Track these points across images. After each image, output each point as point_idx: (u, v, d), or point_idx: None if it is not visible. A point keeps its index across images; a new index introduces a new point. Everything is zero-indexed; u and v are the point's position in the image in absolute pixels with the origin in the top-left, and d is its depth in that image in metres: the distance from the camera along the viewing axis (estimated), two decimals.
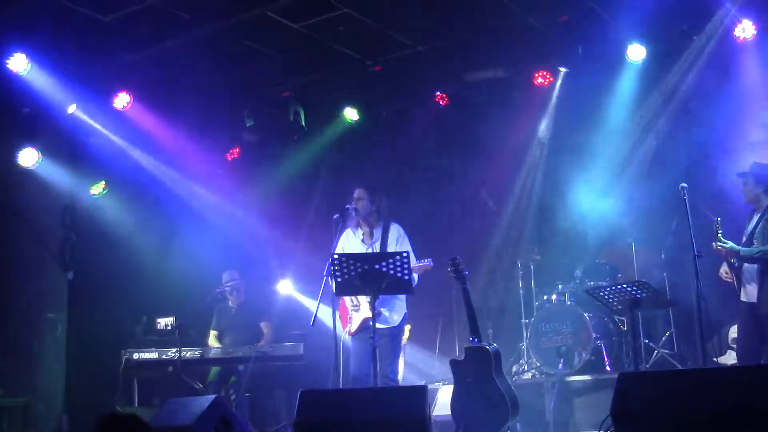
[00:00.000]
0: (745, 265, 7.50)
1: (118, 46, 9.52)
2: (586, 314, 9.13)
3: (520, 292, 10.03)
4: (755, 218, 7.60)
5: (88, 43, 9.29)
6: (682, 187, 7.35)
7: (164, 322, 10.48)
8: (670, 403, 4.95)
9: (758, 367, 6.65)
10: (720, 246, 7.41)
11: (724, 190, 8.65)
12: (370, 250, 7.74)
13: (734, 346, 8.33)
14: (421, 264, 7.42)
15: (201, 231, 11.21)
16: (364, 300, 7.54)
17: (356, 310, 7.69)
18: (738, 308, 7.66)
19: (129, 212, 10.97)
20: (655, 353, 9.09)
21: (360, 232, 7.91)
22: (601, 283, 9.27)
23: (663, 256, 9.49)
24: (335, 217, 7.66)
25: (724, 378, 5.11)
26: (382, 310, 7.50)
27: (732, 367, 7.51)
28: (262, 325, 10.04)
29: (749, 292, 7.44)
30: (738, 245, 7.50)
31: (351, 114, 11.17)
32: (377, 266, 6.82)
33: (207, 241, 11.08)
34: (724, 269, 7.71)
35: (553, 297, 9.68)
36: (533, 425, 8.27)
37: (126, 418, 4.32)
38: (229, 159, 11.73)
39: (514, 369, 9.63)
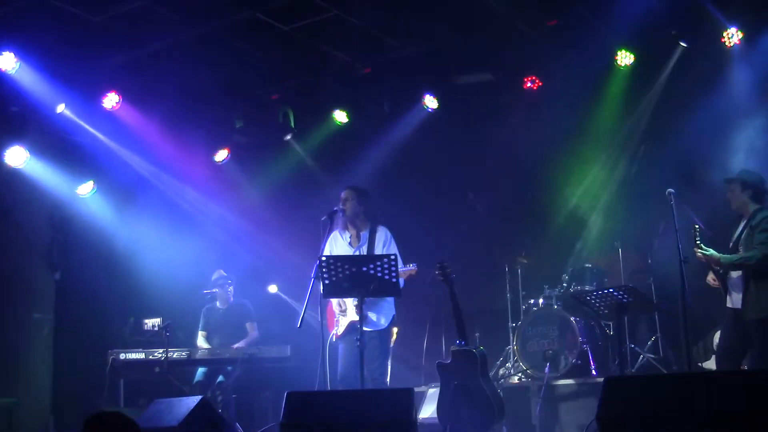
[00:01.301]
0: (731, 272, 7.52)
1: (108, 47, 9.48)
2: (572, 318, 9.15)
3: (508, 295, 10.03)
4: (741, 225, 7.61)
5: (78, 43, 9.26)
6: (669, 192, 7.36)
7: (151, 322, 10.45)
8: (656, 408, 4.96)
9: (742, 372, 6.69)
10: (701, 254, 7.41)
11: (711, 196, 8.69)
12: (357, 253, 7.73)
13: None
14: (405, 269, 7.42)
15: (189, 232, 11.19)
16: (350, 303, 7.54)
17: (343, 315, 7.69)
18: (725, 314, 7.68)
19: (117, 213, 10.94)
20: (640, 358, 9.12)
21: (347, 234, 7.91)
22: (587, 288, 9.31)
23: (650, 260, 9.51)
24: (323, 219, 7.66)
25: (708, 383, 5.12)
26: (369, 313, 7.50)
27: (717, 372, 7.53)
28: (248, 325, 10.04)
29: (735, 299, 7.45)
30: (724, 252, 7.51)
31: (340, 116, 11.17)
32: (365, 269, 6.82)
33: (195, 241, 11.06)
34: (711, 276, 7.72)
35: (540, 301, 9.69)
36: (519, 429, 8.29)
37: (114, 417, 4.33)
38: (218, 160, 11.69)
39: (501, 372, 9.64)
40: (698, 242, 7.39)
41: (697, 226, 7.48)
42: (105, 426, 4.24)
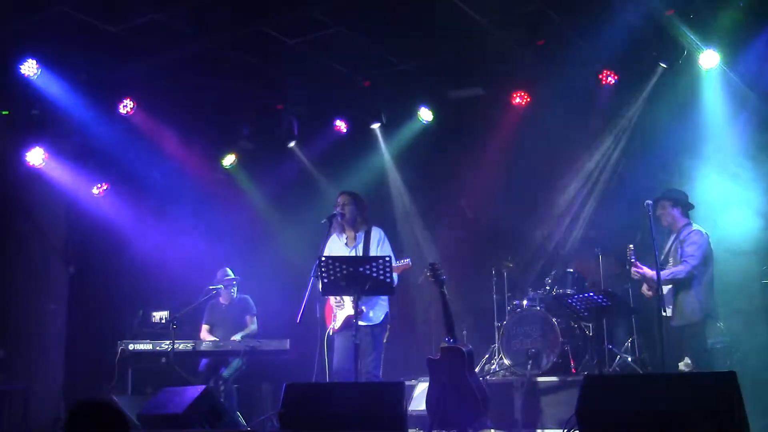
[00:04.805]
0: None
1: (125, 56, 9.48)
2: (554, 319, 9.15)
3: (494, 297, 10.04)
4: (671, 239, 7.73)
5: (96, 51, 9.26)
6: (647, 204, 7.39)
7: (159, 315, 10.43)
8: (630, 404, 4.99)
9: (709, 374, 6.70)
10: (635, 272, 7.51)
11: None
12: (353, 253, 7.72)
13: None
14: (399, 263, 7.41)
15: (196, 230, 11.18)
16: (347, 298, 7.52)
17: (340, 308, 7.67)
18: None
19: (128, 211, 10.93)
20: (617, 358, 9.11)
21: (344, 236, 7.89)
22: (569, 291, 9.31)
23: (627, 267, 9.51)
24: (323, 221, 7.65)
25: (680, 382, 5.16)
26: (364, 308, 7.49)
27: (688, 373, 7.54)
28: (248, 318, 10.04)
29: (668, 308, 7.55)
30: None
31: (341, 126, 11.16)
32: (361, 269, 6.83)
33: (201, 239, 11.05)
34: (645, 287, 7.86)
35: (525, 302, 9.69)
36: (503, 422, 8.28)
37: (101, 407, 3.90)
38: (226, 164, 11.70)
39: (486, 368, 9.64)
40: (632, 260, 7.48)
41: (631, 246, 7.58)
42: (91, 417, 3.80)
